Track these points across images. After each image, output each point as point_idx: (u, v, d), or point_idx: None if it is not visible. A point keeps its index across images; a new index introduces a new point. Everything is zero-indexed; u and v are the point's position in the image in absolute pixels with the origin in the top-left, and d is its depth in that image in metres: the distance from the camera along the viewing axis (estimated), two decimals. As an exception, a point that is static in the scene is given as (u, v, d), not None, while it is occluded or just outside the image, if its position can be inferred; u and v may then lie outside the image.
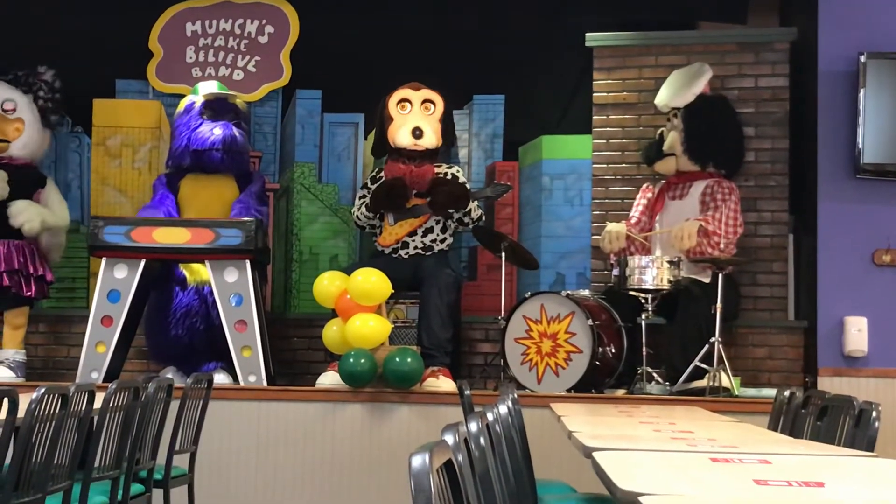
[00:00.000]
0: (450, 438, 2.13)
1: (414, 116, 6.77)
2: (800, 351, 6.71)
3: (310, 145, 7.65)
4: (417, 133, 6.69)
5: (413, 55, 7.64)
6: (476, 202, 6.77)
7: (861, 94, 6.41)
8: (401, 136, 6.72)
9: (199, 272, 6.71)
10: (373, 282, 6.20)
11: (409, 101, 6.83)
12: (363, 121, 7.66)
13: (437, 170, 6.79)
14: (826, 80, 6.60)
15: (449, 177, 6.76)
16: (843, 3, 6.62)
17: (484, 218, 6.86)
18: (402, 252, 6.75)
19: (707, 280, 6.38)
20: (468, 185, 6.82)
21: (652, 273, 6.21)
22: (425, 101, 6.82)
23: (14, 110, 6.99)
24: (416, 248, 6.74)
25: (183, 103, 7.06)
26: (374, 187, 6.83)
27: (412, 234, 6.74)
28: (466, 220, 6.76)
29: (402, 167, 6.73)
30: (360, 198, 6.92)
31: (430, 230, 6.76)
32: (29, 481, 3.56)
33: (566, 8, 7.64)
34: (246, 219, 6.52)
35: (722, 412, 5.17)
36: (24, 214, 6.79)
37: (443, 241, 6.78)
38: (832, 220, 6.54)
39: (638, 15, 7.43)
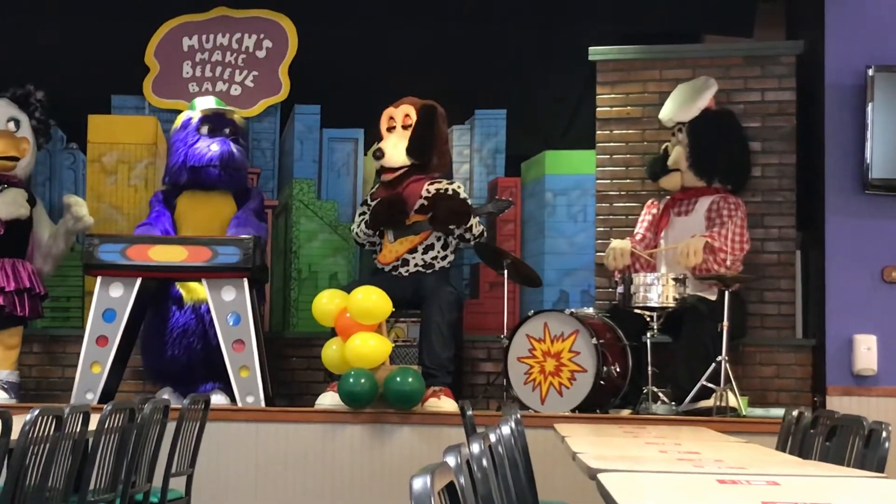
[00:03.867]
0: (451, 460, 2.13)
1: (394, 136, 6.80)
2: (808, 370, 6.70)
3: (309, 161, 7.66)
4: (377, 154, 6.74)
5: (413, 69, 7.65)
6: (477, 218, 6.77)
7: (869, 108, 6.42)
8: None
9: (195, 291, 6.71)
10: (373, 300, 6.19)
11: (394, 119, 6.87)
12: (363, 136, 7.66)
13: (437, 185, 6.79)
14: (833, 93, 6.61)
15: (450, 192, 6.76)
16: (851, 16, 6.64)
17: (486, 234, 6.87)
18: (402, 269, 6.75)
19: (713, 297, 6.38)
20: (469, 201, 6.82)
21: (657, 290, 6.21)
22: (405, 116, 6.84)
23: (19, 129, 7.03)
24: (416, 265, 6.74)
25: (180, 119, 7.07)
26: (373, 204, 6.84)
27: (412, 251, 6.74)
28: (468, 236, 6.76)
29: (386, 190, 6.75)
30: (360, 214, 6.92)
31: (431, 247, 6.76)
32: (23, 505, 3.55)
33: (569, 21, 7.65)
34: (244, 236, 6.52)
35: (729, 432, 5.16)
36: (84, 206, 6.87)
37: (444, 258, 6.77)
38: (840, 236, 6.54)
39: (642, 28, 7.45)
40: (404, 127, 6.81)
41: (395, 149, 6.76)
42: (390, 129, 6.86)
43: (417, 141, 6.77)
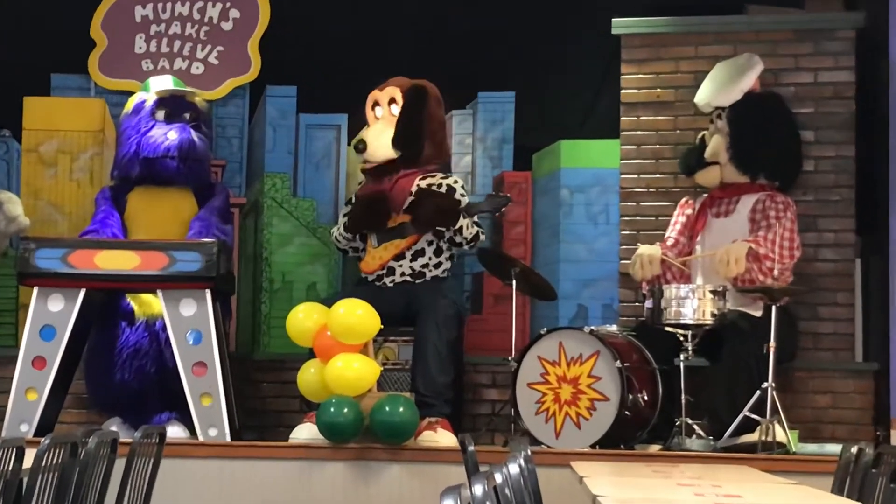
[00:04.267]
0: (450, 505, 2.13)
1: (379, 123, 6.80)
2: (869, 398, 6.70)
3: (283, 152, 7.66)
4: (360, 146, 6.75)
5: (406, 44, 7.66)
6: (470, 218, 6.73)
7: (941, 91, 6.43)
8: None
9: (149, 304, 6.70)
10: (358, 315, 6.19)
11: (378, 104, 6.87)
12: (346, 123, 7.67)
13: (430, 180, 6.77)
14: (899, 73, 6.63)
15: (444, 188, 6.74)
16: (920, -17, 6.66)
17: (482, 237, 6.82)
18: (386, 279, 6.73)
19: (758, 313, 6.38)
20: (467, 199, 6.81)
21: (692, 305, 6.21)
22: (391, 100, 6.84)
23: None
24: (403, 274, 6.73)
25: (131, 102, 7.07)
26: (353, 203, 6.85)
27: (399, 257, 6.73)
28: (458, 239, 6.72)
29: (373, 186, 6.75)
30: (345, 215, 6.92)
31: (421, 253, 6.74)
32: (-55, 556, 3.54)
33: (589, -12, 7.68)
34: (206, 240, 6.52)
35: (776, 472, 5.16)
36: (19, 204, 6.87)
37: (437, 265, 6.76)
38: (908, 242, 6.56)
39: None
40: (391, 113, 6.81)
41: (380, 139, 6.75)
42: (376, 115, 6.86)
43: (404, 129, 6.75)
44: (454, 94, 7.27)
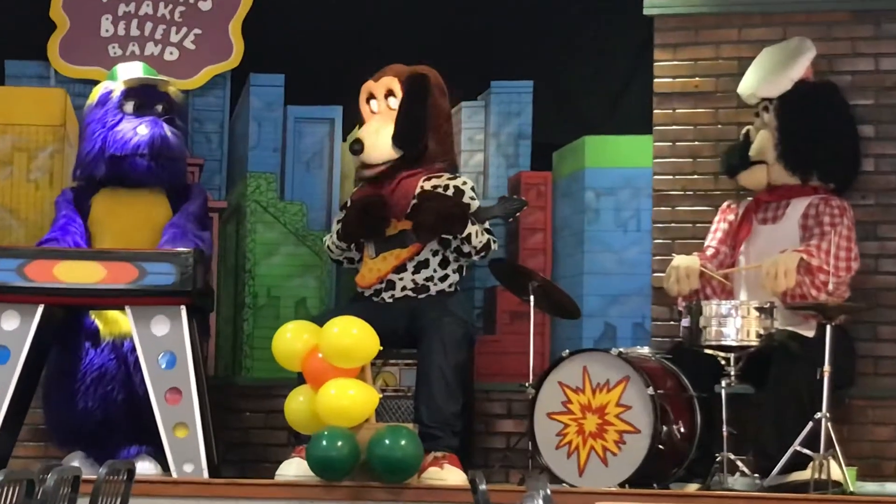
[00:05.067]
0: (459, 553, 2.13)
1: (376, 119, 6.80)
2: (938, 431, 6.71)
3: (268, 149, 7.66)
4: (356, 147, 6.76)
5: (407, 26, 7.66)
6: (480, 225, 6.73)
7: None
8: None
9: (116, 322, 6.71)
10: (353, 336, 6.19)
11: (374, 97, 6.87)
12: (341, 116, 7.67)
13: (435, 181, 6.77)
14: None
15: (451, 190, 6.73)
16: None
17: (495, 246, 6.81)
18: (385, 295, 6.73)
19: (810, 334, 6.37)
20: (477, 203, 6.81)
21: (735, 324, 6.20)
22: (388, 93, 6.83)
23: None
24: (404, 288, 6.73)
25: (96, 92, 7.08)
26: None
27: (399, 269, 6.73)
28: (467, 248, 6.71)
29: (375, 185, 6.76)
30: (339, 222, 6.92)
31: (424, 264, 6.74)
32: None
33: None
34: (181, 249, 6.52)
35: (831, 515, 5.16)
36: None
37: (443, 278, 6.75)
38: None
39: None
40: (389, 106, 6.81)
41: (378, 137, 6.75)
42: (371, 109, 6.86)
43: (404, 124, 6.76)
44: (464, 83, 7.27)
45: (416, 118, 6.77)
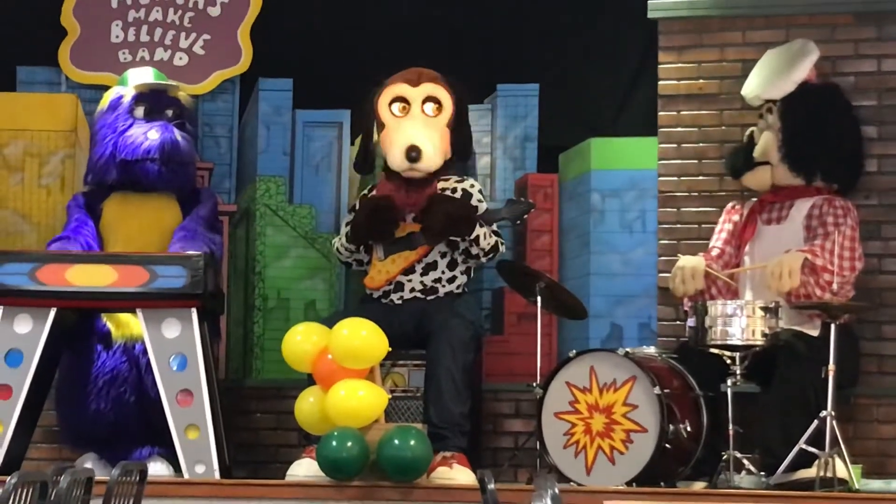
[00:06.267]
0: (467, 551, 2.14)
1: (412, 123, 6.74)
2: (943, 428, 6.71)
3: (277, 153, 7.67)
4: (413, 154, 6.67)
5: (414, 30, 7.66)
6: (488, 227, 6.73)
7: None
8: (393, 154, 6.69)
9: (128, 325, 6.72)
10: (363, 337, 6.19)
11: (407, 101, 6.81)
12: (349, 119, 7.68)
13: (444, 184, 6.78)
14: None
15: (458, 193, 6.74)
16: None
17: (503, 248, 6.82)
18: (394, 296, 6.74)
19: (815, 333, 6.37)
20: (484, 205, 6.81)
21: (740, 324, 6.20)
22: (428, 99, 6.81)
23: None
24: (413, 290, 6.73)
25: (107, 98, 7.09)
26: (356, 209, 6.84)
27: (408, 271, 6.74)
28: (475, 250, 6.72)
29: (394, 187, 6.73)
30: (347, 224, 6.93)
31: (433, 266, 6.74)
32: None
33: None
34: (192, 252, 6.53)
35: (837, 513, 5.16)
36: None
37: (451, 280, 6.76)
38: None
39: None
40: (425, 112, 6.77)
41: (434, 146, 6.73)
42: (394, 113, 6.80)
43: (464, 137, 6.83)
44: (471, 86, 7.25)
45: (467, 133, 6.86)
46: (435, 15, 7.72)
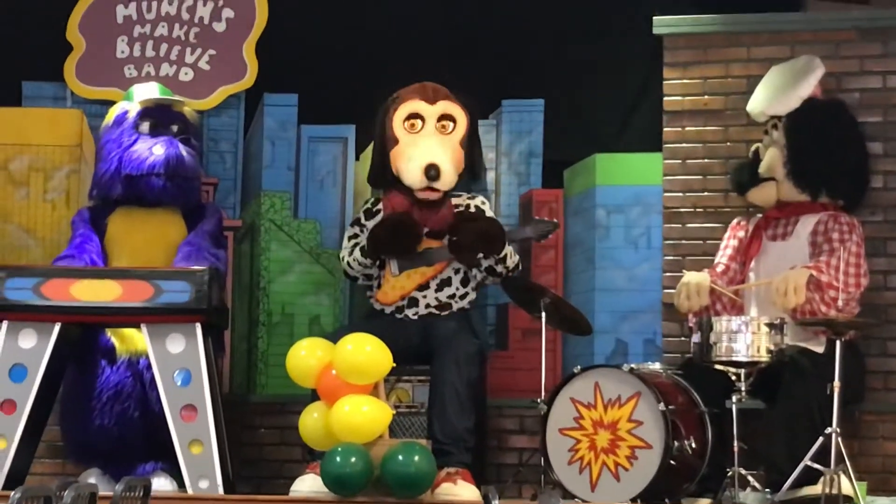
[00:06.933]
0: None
1: (427, 141, 6.76)
2: (948, 445, 6.69)
3: (282, 168, 7.67)
4: (433, 173, 6.67)
5: (421, 46, 7.67)
6: (511, 246, 6.76)
7: None
8: (410, 172, 6.70)
9: (132, 340, 6.71)
10: (367, 352, 6.19)
11: (421, 118, 6.83)
12: (353, 135, 7.68)
13: (456, 200, 6.80)
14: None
15: (472, 209, 6.75)
16: None
17: (521, 266, 6.86)
18: (409, 311, 6.74)
19: (820, 349, 6.36)
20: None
21: (745, 340, 6.18)
22: (443, 117, 6.82)
23: None
24: (428, 306, 6.74)
25: (112, 113, 7.09)
26: (371, 225, 6.83)
27: (422, 287, 6.74)
28: (500, 269, 6.74)
29: (405, 202, 6.72)
30: (351, 238, 6.92)
31: (447, 282, 6.75)
32: None
33: (627, -16, 7.69)
34: (196, 267, 6.52)
35: (843, 530, 5.14)
36: None
37: (463, 296, 6.77)
38: None
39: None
40: (440, 130, 6.77)
41: (449, 164, 6.74)
42: (407, 129, 6.80)
43: (475, 158, 6.87)
44: (476, 102, 7.26)
45: (480, 150, 6.93)
46: (440, 31, 7.73)
